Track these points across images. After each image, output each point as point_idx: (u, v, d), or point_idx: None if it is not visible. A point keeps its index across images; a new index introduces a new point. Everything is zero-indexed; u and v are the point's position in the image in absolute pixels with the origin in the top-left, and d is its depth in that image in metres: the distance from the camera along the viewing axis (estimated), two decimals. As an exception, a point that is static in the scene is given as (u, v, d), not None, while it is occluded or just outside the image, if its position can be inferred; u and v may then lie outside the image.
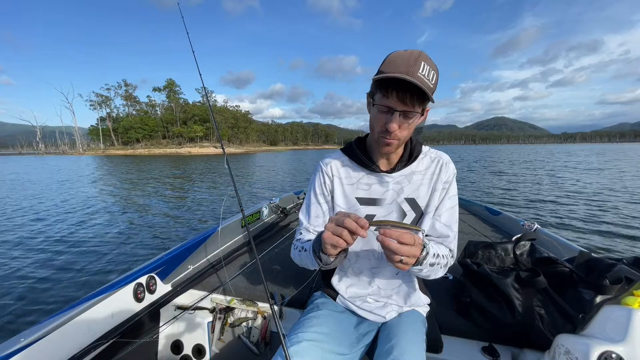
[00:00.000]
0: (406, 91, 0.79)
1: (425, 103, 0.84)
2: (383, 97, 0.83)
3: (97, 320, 1.13)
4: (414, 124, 0.88)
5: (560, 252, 1.68)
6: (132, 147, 79.13)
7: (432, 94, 0.80)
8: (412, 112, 0.83)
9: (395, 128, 0.84)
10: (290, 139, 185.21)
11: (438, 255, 0.88)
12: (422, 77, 0.78)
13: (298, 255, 1.03)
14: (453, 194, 1.02)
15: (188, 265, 1.63)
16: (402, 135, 0.88)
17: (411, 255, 0.76)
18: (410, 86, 0.78)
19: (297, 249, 1.04)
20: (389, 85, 0.81)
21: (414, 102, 0.81)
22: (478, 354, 1.13)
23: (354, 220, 0.74)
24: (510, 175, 14.96)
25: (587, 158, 29.64)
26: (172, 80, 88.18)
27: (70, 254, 4.63)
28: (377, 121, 0.89)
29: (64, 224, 6.52)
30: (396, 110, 0.83)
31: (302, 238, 1.06)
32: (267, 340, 1.36)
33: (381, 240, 0.74)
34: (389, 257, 0.76)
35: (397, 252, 0.74)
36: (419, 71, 0.77)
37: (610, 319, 0.86)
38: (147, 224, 6.47)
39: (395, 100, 0.82)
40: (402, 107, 0.82)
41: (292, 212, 2.93)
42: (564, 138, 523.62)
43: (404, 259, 0.75)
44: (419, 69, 0.78)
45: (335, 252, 0.80)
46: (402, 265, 0.76)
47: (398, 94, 0.80)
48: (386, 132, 0.86)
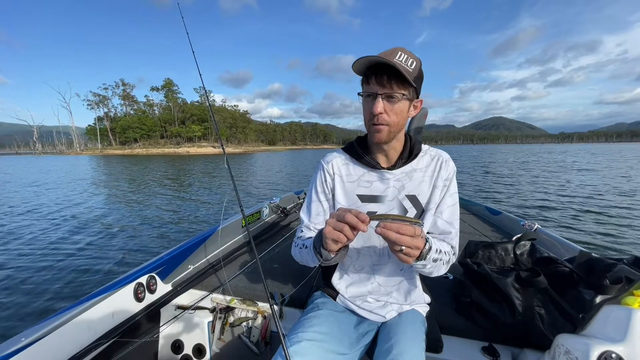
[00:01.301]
0: (383, 74, 0.86)
1: (407, 87, 0.88)
2: (365, 84, 0.91)
3: (98, 319, 1.13)
4: (400, 109, 0.91)
5: (561, 252, 1.68)
6: (129, 147, 78.84)
7: (412, 79, 0.85)
8: (393, 94, 0.87)
9: (380, 110, 0.89)
10: (289, 139, 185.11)
11: (440, 251, 0.88)
12: (397, 61, 0.83)
13: (299, 252, 1.03)
14: (454, 191, 1.03)
15: (188, 265, 1.63)
16: (390, 121, 0.91)
17: (413, 246, 0.75)
18: (387, 70, 0.85)
19: (297, 247, 1.04)
20: (368, 72, 0.89)
21: (392, 83, 0.86)
22: (478, 354, 1.14)
23: (354, 215, 0.75)
24: (508, 177, 14.97)
25: (584, 158, 29.74)
26: (170, 80, 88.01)
27: (70, 255, 4.61)
28: (365, 109, 0.94)
29: (63, 224, 6.50)
30: (378, 94, 0.88)
31: (303, 236, 1.07)
32: (267, 339, 1.36)
33: (380, 232, 0.74)
34: (391, 248, 0.78)
35: (398, 242, 0.74)
36: (395, 58, 0.84)
37: (610, 318, 0.87)
38: (147, 224, 6.45)
39: (375, 84, 0.88)
40: (382, 89, 0.87)
41: (293, 212, 2.93)
42: (561, 138, 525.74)
43: (405, 249, 0.75)
44: (395, 56, 0.85)
45: (336, 248, 0.80)
46: (405, 256, 0.76)
47: (376, 77, 0.87)
48: (373, 116, 0.91)
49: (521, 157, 30.92)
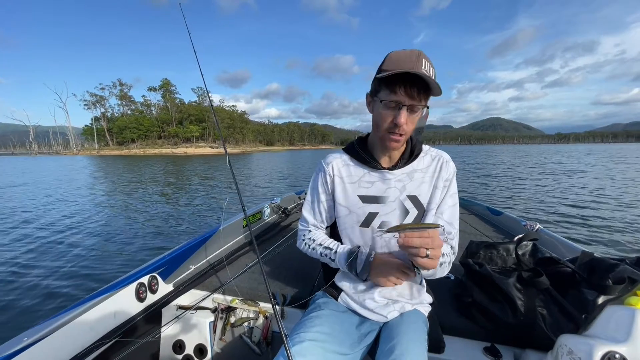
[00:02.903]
0: (413, 85, 0.84)
1: (429, 98, 0.88)
2: (390, 93, 0.87)
3: (100, 319, 1.13)
4: (417, 119, 0.91)
5: (563, 252, 1.68)
6: (127, 147, 78.54)
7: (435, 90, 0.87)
8: (418, 106, 0.87)
9: (404, 122, 0.88)
10: (287, 139, 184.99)
11: (443, 254, 0.90)
12: (427, 74, 0.82)
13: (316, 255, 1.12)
14: (454, 191, 1.04)
15: (190, 265, 1.63)
16: (408, 130, 0.91)
17: (437, 246, 0.78)
18: (416, 81, 0.83)
19: (310, 247, 1.12)
20: (397, 81, 0.85)
21: (421, 96, 0.86)
22: (480, 354, 1.13)
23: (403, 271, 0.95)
24: (509, 177, 14.99)
25: (581, 158, 29.87)
26: (167, 80, 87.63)
27: (72, 255, 4.59)
28: (384, 117, 0.91)
29: (63, 225, 6.46)
30: (404, 105, 0.86)
31: (315, 238, 1.13)
32: (268, 340, 1.36)
33: (403, 242, 0.76)
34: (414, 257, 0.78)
35: (424, 247, 0.76)
36: (422, 67, 0.83)
37: (613, 319, 0.86)
38: (147, 224, 6.42)
39: (403, 95, 0.86)
40: (410, 101, 0.86)
41: (294, 212, 2.92)
42: (557, 138, 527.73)
43: (430, 252, 0.76)
44: (422, 65, 0.83)
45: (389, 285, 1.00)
46: (429, 260, 0.78)
47: (406, 88, 0.85)
48: (395, 127, 0.90)
49: (521, 158, 30.89)
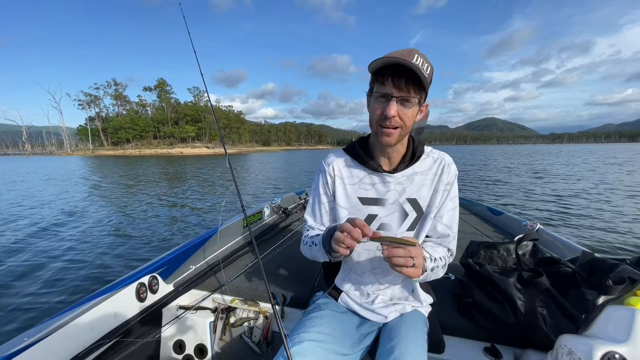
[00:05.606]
0: (401, 76, 0.83)
1: (421, 92, 0.86)
2: (380, 85, 0.87)
3: (100, 319, 1.13)
4: (412, 114, 0.89)
5: (563, 253, 1.70)
6: (122, 148, 77.90)
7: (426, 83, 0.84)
8: (408, 98, 0.85)
9: (393, 113, 0.86)
10: (284, 139, 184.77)
11: (435, 258, 0.91)
12: (416, 65, 0.81)
13: (309, 249, 1.07)
14: (454, 195, 1.04)
15: (190, 266, 1.62)
16: (401, 124, 0.89)
17: (420, 255, 0.82)
18: (405, 72, 0.82)
19: (307, 245, 1.08)
20: (385, 72, 0.85)
21: (409, 87, 0.84)
22: (480, 355, 1.13)
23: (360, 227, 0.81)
24: (509, 177, 15.01)
25: (580, 158, 30.09)
26: (163, 79, 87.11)
27: (72, 255, 4.56)
28: (374, 110, 0.90)
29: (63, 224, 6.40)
30: (393, 96, 0.85)
31: (311, 234, 1.10)
32: (268, 340, 1.35)
33: (388, 254, 0.79)
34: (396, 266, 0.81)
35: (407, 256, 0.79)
36: (412, 60, 0.81)
37: (613, 319, 0.87)
38: (147, 225, 6.37)
39: (390, 85, 0.85)
40: (398, 92, 0.85)
41: (294, 213, 2.91)
42: (551, 139, 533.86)
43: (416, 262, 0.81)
44: (413, 58, 0.81)
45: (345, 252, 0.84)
46: (414, 270, 0.81)
47: (393, 79, 0.84)
48: (384, 119, 0.88)
49: (521, 160, 30.93)
